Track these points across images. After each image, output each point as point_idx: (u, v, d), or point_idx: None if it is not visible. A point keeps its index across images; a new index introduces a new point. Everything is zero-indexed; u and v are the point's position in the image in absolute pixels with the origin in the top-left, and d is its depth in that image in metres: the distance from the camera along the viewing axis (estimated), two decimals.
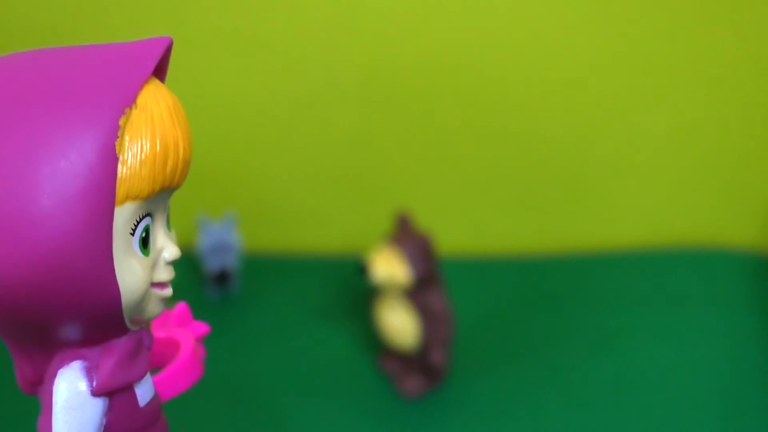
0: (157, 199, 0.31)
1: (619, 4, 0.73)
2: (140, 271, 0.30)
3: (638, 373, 0.64)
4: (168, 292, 0.33)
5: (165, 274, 0.32)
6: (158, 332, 0.38)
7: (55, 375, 0.31)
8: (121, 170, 0.29)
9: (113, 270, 0.29)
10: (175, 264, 0.33)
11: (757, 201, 0.80)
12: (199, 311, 0.42)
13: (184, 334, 0.39)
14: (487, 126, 0.77)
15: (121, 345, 0.32)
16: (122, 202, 0.29)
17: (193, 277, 0.73)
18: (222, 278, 0.72)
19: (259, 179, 0.80)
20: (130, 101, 0.29)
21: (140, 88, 0.30)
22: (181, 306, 0.40)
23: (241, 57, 0.74)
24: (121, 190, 0.29)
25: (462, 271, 0.75)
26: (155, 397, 0.35)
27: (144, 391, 0.34)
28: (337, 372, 0.64)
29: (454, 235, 0.81)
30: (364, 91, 0.76)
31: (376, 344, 0.67)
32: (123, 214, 0.29)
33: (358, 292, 0.73)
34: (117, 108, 0.29)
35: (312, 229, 0.82)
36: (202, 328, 0.40)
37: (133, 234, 0.30)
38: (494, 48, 0.74)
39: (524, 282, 0.75)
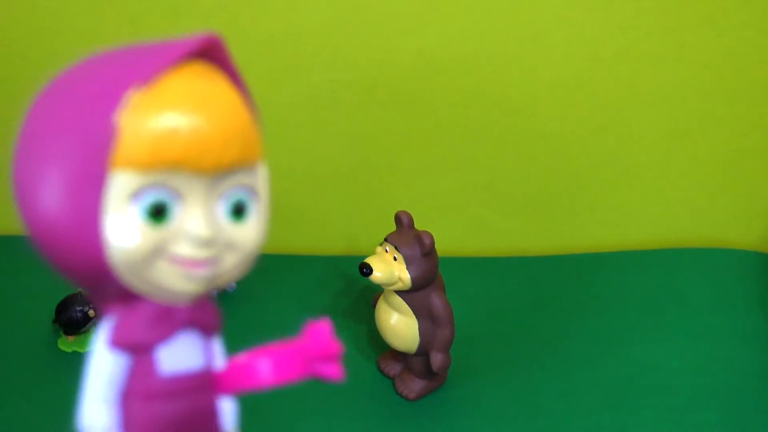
0: (190, 181, 0.33)
1: (620, 5, 0.73)
2: (134, 235, 0.32)
3: (640, 374, 0.64)
4: (196, 271, 0.34)
5: (184, 248, 0.33)
6: (278, 348, 0.37)
7: None
8: (123, 139, 0.31)
9: (98, 226, 0.31)
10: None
11: (760, 201, 0.80)
12: None
13: (301, 354, 0.37)
14: (488, 126, 0.77)
15: (140, 307, 0.34)
16: (120, 168, 0.31)
17: None
18: None
19: None
20: (143, 79, 0.31)
21: (159, 68, 0.32)
22: (322, 324, 0.37)
23: (240, 57, 0.74)
24: (119, 157, 0.31)
25: (462, 271, 0.75)
26: (189, 376, 0.35)
27: (170, 362, 0.35)
28: None
29: (454, 235, 0.80)
30: (364, 91, 0.76)
31: (376, 345, 0.67)
32: (121, 179, 0.31)
33: (358, 292, 0.73)
34: (127, 83, 0.31)
35: (312, 229, 0.81)
36: (331, 369, 0.37)
37: (135, 201, 0.32)
38: (495, 49, 0.74)
39: (525, 282, 0.75)
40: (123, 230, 0.32)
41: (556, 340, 0.68)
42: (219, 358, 0.38)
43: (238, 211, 0.35)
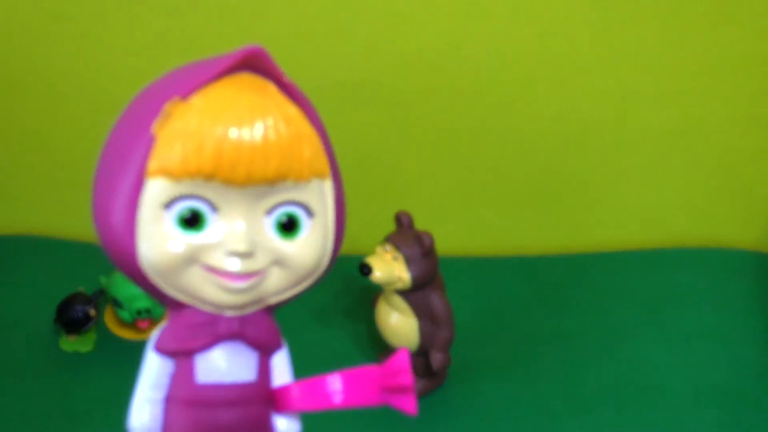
0: (224, 192, 0.32)
1: (619, 4, 0.73)
2: (166, 242, 0.32)
3: (640, 373, 0.64)
4: (233, 283, 0.33)
5: (219, 259, 0.33)
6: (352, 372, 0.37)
7: None
8: (158, 149, 0.32)
9: (134, 230, 0.32)
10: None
11: (759, 201, 0.80)
12: None
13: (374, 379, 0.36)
14: (487, 126, 0.77)
15: (183, 314, 0.34)
16: (154, 176, 0.32)
17: None
18: None
19: None
20: (182, 92, 0.32)
21: (199, 82, 0.32)
22: (401, 354, 0.36)
23: None
24: (152, 164, 0.32)
25: (462, 271, 0.75)
26: (233, 387, 0.35)
27: (209, 371, 0.35)
28: None
29: (454, 235, 0.80)
30: (364, 91, 0.76)
31: (376, 345, 0.67)
32: (154, 186, 0.32)
33: (358, 292, 0.73)
34: (167, 96, 0.32)
35: None
36: (407, 401, 0.37)
37: (169, 209, 0.32)
38: (495, 48, 0.74)
39: (524, 282, 0.75)
40: (155, 237, 0.32)
41: (556, 339, 0.68)
42: (282, 375, 0.38)
43: (288, 227, 0.34)
